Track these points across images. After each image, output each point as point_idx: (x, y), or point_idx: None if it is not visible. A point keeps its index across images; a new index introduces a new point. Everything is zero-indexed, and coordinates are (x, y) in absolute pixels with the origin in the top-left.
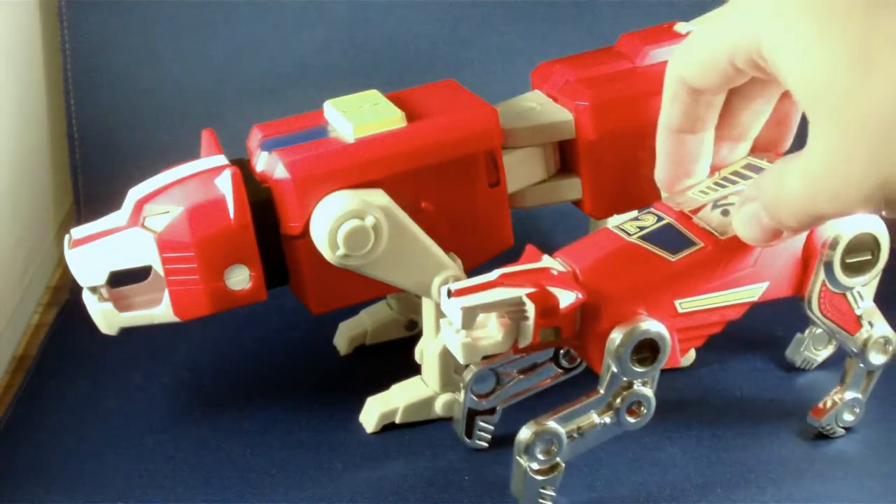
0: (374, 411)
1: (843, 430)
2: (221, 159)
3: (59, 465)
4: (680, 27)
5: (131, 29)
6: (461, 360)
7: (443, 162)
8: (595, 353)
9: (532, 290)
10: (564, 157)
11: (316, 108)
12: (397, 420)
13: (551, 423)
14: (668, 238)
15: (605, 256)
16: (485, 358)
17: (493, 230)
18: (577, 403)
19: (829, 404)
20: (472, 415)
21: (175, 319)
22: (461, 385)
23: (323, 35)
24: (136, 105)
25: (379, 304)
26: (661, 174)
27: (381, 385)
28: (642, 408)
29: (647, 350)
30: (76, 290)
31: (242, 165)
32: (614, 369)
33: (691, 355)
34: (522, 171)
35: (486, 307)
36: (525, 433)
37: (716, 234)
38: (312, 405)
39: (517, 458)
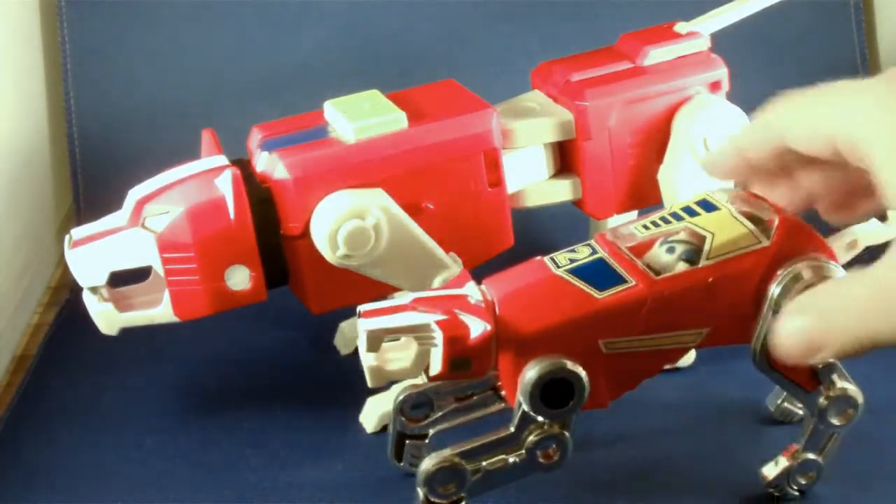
0: (374, 411)
1: (796, 493)
2: (221, 159)
3: (59, 465)
4: (680, 27)
5: (131, 29)
6: (368, 384)
7: (443, 162)
8: (509, 389)
9: (443, 317)
10: (564, 157)
11: (316, 108)
12: None
13: (455, 458)
14: (598, 273)
15: (527, 288)
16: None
17: (493, 230)
18: (486, 439)
19: (780, 464)
20: (402, 438)
21: (175, 320)
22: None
23: (323, 35)
24: (136, 105)
25: None
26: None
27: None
28: (557, 450)
29: (563, 390)
30: (76, 290)
31: (242, 166)
32: (525, 407)
33: (691, 355)
34: (522, 171)
35: (393, 331)
36: (427, 465)
37: (650, 273)
38: (312, 405)
39: (417, 488)
